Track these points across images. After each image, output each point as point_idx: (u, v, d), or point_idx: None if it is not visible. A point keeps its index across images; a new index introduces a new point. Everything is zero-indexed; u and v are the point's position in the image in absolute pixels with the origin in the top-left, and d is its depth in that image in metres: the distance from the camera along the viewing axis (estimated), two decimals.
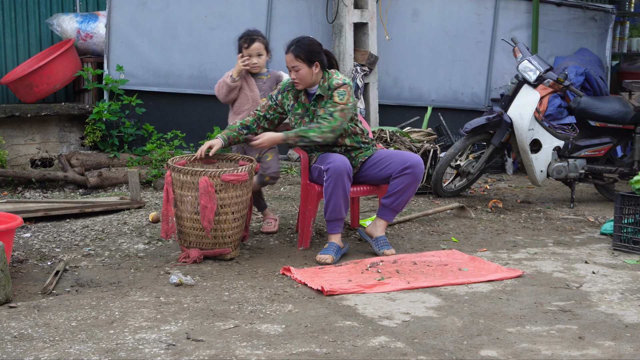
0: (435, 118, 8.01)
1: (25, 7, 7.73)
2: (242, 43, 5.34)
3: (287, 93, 5.12)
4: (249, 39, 5.33)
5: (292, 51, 4.96)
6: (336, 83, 5.00)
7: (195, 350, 3.48)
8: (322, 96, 5.04)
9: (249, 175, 4.91)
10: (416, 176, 5.03)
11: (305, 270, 4.69)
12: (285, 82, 5.16)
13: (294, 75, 4.99)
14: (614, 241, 5.37)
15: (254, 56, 5.32)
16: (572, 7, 9.48)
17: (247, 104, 5.37)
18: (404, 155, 5.10)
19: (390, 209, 5.12)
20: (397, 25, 8.51)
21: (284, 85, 5.14)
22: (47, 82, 7.36)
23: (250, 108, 5.34)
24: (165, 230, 4.89)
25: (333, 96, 4.98)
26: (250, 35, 5.35)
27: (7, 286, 4.08)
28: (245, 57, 5.31)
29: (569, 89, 6.66)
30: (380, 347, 3.54)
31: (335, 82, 5.01)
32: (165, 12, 7.69)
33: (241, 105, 5.38)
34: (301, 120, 5.09)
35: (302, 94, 5.09)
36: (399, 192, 5.04)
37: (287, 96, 5.12)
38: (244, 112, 5.35)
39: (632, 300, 4.28)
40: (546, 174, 6.76)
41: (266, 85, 5.44)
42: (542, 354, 3.49)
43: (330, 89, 5.00)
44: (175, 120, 7.78)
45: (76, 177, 6.93)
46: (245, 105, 5.37)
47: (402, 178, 5.02)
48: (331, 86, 5.01)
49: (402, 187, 5.03)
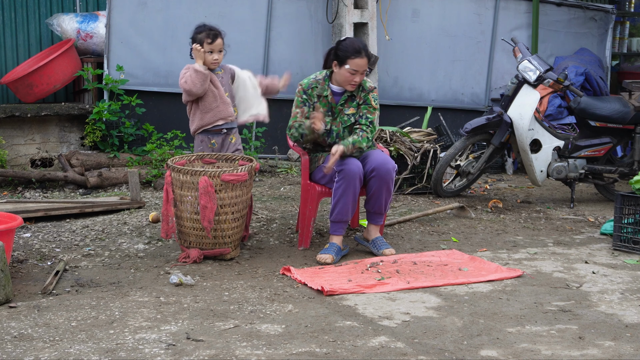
0: (435, 118, 8.01)
1: (25, 7, 7.73)
2: (205, 37, 5.16)
3: (311, 91, 5.13)
4: (212, 34, 5.17)
5: (367, 55, 4.98)
6: (369, 86, 5.11)
7: (195, 350, 3.48)
8: (352, 96, 5.09)
9: (249, 175, 4.91)
10: (382, 177, 4.99)
11: (305, 270, 4.69)
12: (307, 83, 5.14)
13: (358, 79, 4.99)
14: (614, 241, 5.37)
15: (215, 52, 5.18)
16: (572, 7, 9.47)
17: (215, 101, 5.20)
18: (371, 157, 5.05)
19: (373, 212, 5.15)
20: (397, 25, 8.51)
21: (306, 86, 5.14)
22: (47, 82, 7.36)
23: (218, 105, 5.19)
24: (165, 230, 4.90)
25: (369, 100, 5.09)
26: (213, 31, 5.20)
27: (7, 286, 4.08)
28: (206, 51, 5.15)
29: (569, 89, 6.66)
30: (380, 347, 3.54)
31: (368, 84, 5.11)
32: (165, 12, 7.69)
33: (210, 102, 5.20)
34: None
35: (329, 93, 5.12)
36: (373, 195, 5.05)
37: (312, 94, 5.13)
38: (214, 110, 5.19)
39: (632, 300, 4.28)
40: (546, 174, 6.75)
41: (224, 80, 5.30)
42: (542, 354, 3.49)
43: (365, 91, 5.09)
44: (175, 120, 7.77)
45: (76, 177, 6.93)
46: (214, 103, 5.20)
47: (371, 182, 5.02)
48: (365, 87, 5.09)
49: (373, 190, 5.03)
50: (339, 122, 5.12)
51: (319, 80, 5.14)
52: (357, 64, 4.94)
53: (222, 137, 5.27)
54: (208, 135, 5.25)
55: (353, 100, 5.11)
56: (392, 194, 5.10)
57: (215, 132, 5.24)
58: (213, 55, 5.18)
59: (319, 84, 5.13)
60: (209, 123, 5.22)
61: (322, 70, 5.20)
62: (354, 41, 5.04)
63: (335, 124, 5.12)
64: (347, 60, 4.95)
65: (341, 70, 4.99)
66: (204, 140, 5.26)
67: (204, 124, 5.23)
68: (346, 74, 4.98)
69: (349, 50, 4.96)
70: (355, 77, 4.98)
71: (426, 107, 8.22)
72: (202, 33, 5.20)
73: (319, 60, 8.30)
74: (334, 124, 5.12)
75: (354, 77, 4.98)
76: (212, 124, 5.22)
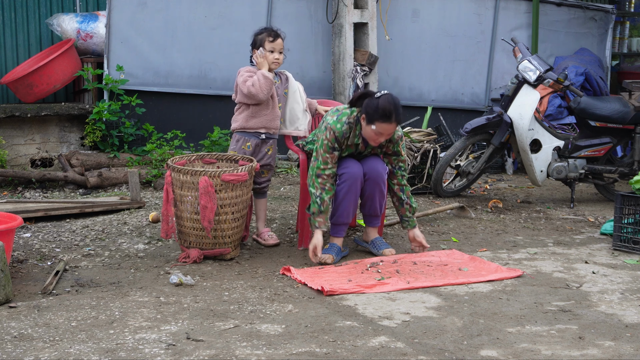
0: (435, 118, 8.01)
1: (25, 7, 7.73)
2: (266, 36, 5.09)
3: (344, 140, 4.90)
4: (273, 33, 5.12)
5: (397, 120, 4.75)
6: (397, 136, 4.99)
7: (195, 350, 3.48)
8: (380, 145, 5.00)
9: (249, 175, 4.91)
10: (374, 180, 4.97)
11: (305, 270, 4.69)
12: (341, 131, 4.84)
13: (383, 139, 4.83)
14: (614, 241, 5.37)
15: (276, 51, 5.12)
16: (572, 7, 9.48)
17: (267, 109, 5.16)
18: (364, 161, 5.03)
19: (369, 215, 5.15)
20: (397, 25, 8.52)
21: (340, 134, 4.85)
22: (47, 82, 7.36)
23: (268, 114, 5.16)
24: (165, 230, 4.89)
25: (400, 152, 5.03)
26: (274, 31, 5.15)
27: (7, 286, 4.08)
28: (268, 50, 5.10)
29: (569, 89, 6.66)
30: (380, 347, 3.54)
31: (396, 134, 4.97)
32: (165, 12, 7.69)
33: (262, 109, 5.15)
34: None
35: (361, 142, 4.95)
36: (367, 199, 5.04)
37: (345, 143, 4.92)
38: (262, 118, 5.15)
39: (632, 300, 4.28)
40: (546, 174, 6.76)
41: (280, 90, 5.29)
42: (542, 354, 3.49)
43: (392, 142, 4.98)
44: (175, 120, 7.78)
45: (76, 177, 6.93)
46: (265, 111, 5.16)
47: (364, 186, 5.00)
48: (392, 139, 4.97)
49: (367, 194, 5.02)
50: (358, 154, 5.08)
51: (351, 125, 4.88)
52: (384, 128, 4.75)
53: (258, 142, 5.22)
54: (245, 136, 5.22)
55: (380, 147, 5.02)
56: (385, 196, 5.09)
57: (254, 135, 5.22)
58: (274, 54, 5.12)
59: (351, 130, 4.89)
60: (251, 128, 5.19)
61: (351, 109, 4.90)
62: (388, 102, 4.73)
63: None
64: (374, 121, 4.74)
65: (367, 127, 4.79)
66: (240, 139, 5.24)
67: (246, 127, 5.20)
68: (372, 133, 4.79)
69: (379, 112, 4.71)
70: (380, 138, 4.82)
71: (426, 107, 8.22)
72: (263, 33, 5.15)
73: (319, 61, 8.35)
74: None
75: (379, 138, 4.82)
76: (253, 129, 5.20)
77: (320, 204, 4.83)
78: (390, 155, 5.07)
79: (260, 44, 5.13)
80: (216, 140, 7.24)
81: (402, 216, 5.14)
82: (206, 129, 7.66)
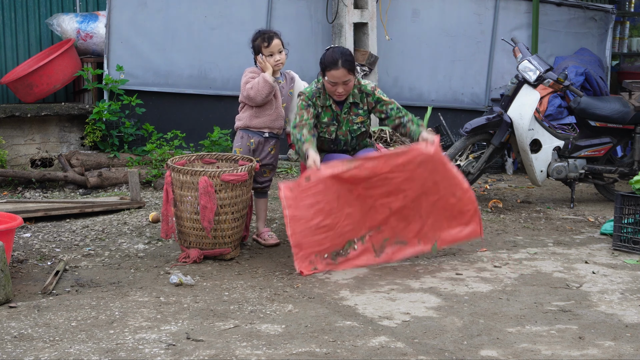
0: (435, 118, 8.01)
1: (25, 7, 7.73)
2: (261, 42, 5.15)
3: (315, 100, 4.97)
4: (267, 36, 5.16)
5: (344, 65, 4.80)
6: (370, 87, 5.00)
7: (195, 350, 3.48)
8: (355, 103, 5.00)
9: (249, 175, 4.91)
10: None
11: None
12: (310, 92, 4.97)
13: (341, 90, 4.85)
14: (614, 241, 5.37)
15: (275, 53, 5.15)
16: (572, 7, 9.47)
17: (270, 109, 5.21)
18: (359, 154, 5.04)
19: None
20: (397, 25, 8.51)
21: (310, 94, 4.96)
22: (47, 82, 7.36)
23: (271, 114, 5.20)
24: (165, 230, 4.90)
25: (381, 99, 4.99)
26: (267, 33, 5.19)
27: (7, 286, 4.08)
28: (267, 55, 5.14)
29: (569, 89, 6.66)
30: (380, 347, 3.54)
31: (369, 86, 5.01)
32: (165, 12, 7.69)
33: (265, 109, 5.20)
34: (327, 129, 5.03)
35: (332, 103, 4.98)
36: None
37: (315, 103, 4.98)
38: (265, 117, 5.20)
39: (632, 300, 4.28)
40: (546, 174, 6.75)
41: (285, 90, 5.33)
42: (542, 354, 3.49)
43: (369, 95, 4.98)
44: (175, 120, 7.78)
45: (76, 177, 6.93)
46: (269, 111, 5.21)
47: None
48: (367, 91, 4.99)
49: None
50: (347, 131, 5.06)
51: (320, 89, 5.00)
52: (333, 75, 4.81)
53: (261, 140, 5.26)
54: (249, 133, 5.26)
55: (357, 107, 5.02)
56: None
57: (256, 133, 5.25)
58: (274, 57, 5.16)
59: (320, 94, 4.99)
60: (254, 127, 5.24)
61: (320, 78, 5.04)
62: (333, 51, 4.87)
63: (342, 133, 5.06)
64: (325, 71, 4.84)
65: (325, 82, 4.89)
66: (243, 136, 5.28)
67: (250, 126, 5.25)
68: (328, 85, 4.88)
69: (326, 61, 4.83)
70: (337, 87, 4.84)
71: (426, 107, 8.22)
72: (258, 39, 5.20)
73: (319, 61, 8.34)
74: (340, 132, 5.06)
75: (335, 88, 4.85)
76: (257, 129, 5.24)
77: (300, 137, 4.83)
78: (375, 107, 5.03)
79: (258, 50, 5.19)
80: (216, 140, 7.24)
81: (409, 134, 5.00)
82: (206, 129, 7.66)
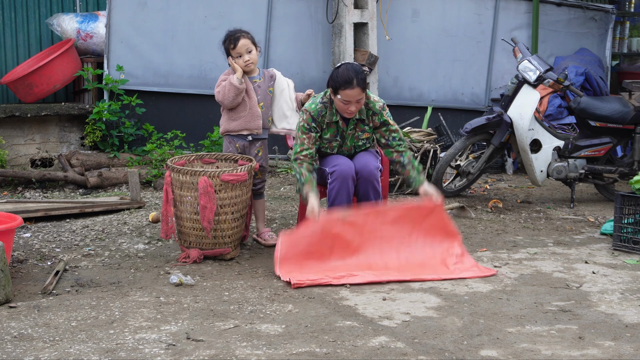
0: (435, 118, 8.01)
1: (25, 7, 7.73)
2: (228, 45, 5.18)
3: (321, 118, 4.88)
4: (233, 38, 5.16)
5: (359, 84, 4.68)
6: (379, 106, 4.92)
7: (195, 350, 3.48)
8: (362, 120, 4.92)
9: (249, 175, 4.91)
10: (366, 179, 4.90)
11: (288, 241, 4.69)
12: (315, 111, 4.86)
13: (354, 108, 4.76)
14: (614, 241, 5.37)
15: (244, 54, 5.15)
16: (572, 7, 9.47)
17: (244, 111, 5.20)
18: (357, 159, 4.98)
19: None
20: (397, 25, 8.51)
21: (316, 113, 4.85)
22: (47, 82, 7.36)
23: (246, 116, 5.19)
24: (165, 230, 4.90)
25: (388, 122, 4.92)
26: (233, 35, 5.18)
27: (7, 286, 4.08)
28: (236, 57, 5.15)
29: (569, 89, 6.66)
30: (380, 347, 3.54)
31: (377, 105, 4.91)
32: (165, 12, 7.69)
33: (239, 111, 5.20)
34: (329, 144, 4.96)
35: (339, 118, 4.89)
36: (362, 198, 4.97)
37: (321, 122, 4.89)
38: (241, 120, 5.19)
39: (632, 300, 4.28)
40: (546, 174, 6.75)
41: (261, 89, 5.27)
42: (542, 354, 3.49)
43: (375, 114, 4.90)
44: (175, 120, 7.78)
45: (76, 177, 6.93)
46: (243, 112, 5.20)
47: (357, 185, 4.94)
48: (374, 110, 4.90)
49: (361, 193, 4.95)
50: (351, 147, 4.99)
51: (325, 104, 4.89)
52: (347, 94, 4.71)
53: (246, 143, 5.26)
54: (233, 138, 5.27)
55: (363, 122, 4.94)
56: (380, 193, 4.99)
57: (240, 137, 5.26)
58: (243, 58, 5.15)
59: (326, 110, 4.88)
60: (234, 130, 5.24)
61: (326, 89, 4.92)
62: (347, 69, 4.74)
63: (346, 148, 5.00)
64: (338, 90, 4.72)
65: (336, 99, 4.79)
66: (231, 142, 5.29)
67: (230, 130, 5.26)
68: (340, 104, 4.77)
69: (339, 80, 4.71)
70: (350, 106, 4.76)
71: (426, 107, 8.22)
72: (225, 42, 5.21)
73: (319, 61, 8.35)
74: (345, 148, 4.99)
75: (348, 106, 4.76)
76: (236, 132, 5.24)
77: (300, 177, 4.80)
78: (379, 128, 4.97)
79: (228, 52, 5.20)
80: (216, 140, 7.24)
81: (407, 179, 4.98)
82: (206, 129, 7.66)
